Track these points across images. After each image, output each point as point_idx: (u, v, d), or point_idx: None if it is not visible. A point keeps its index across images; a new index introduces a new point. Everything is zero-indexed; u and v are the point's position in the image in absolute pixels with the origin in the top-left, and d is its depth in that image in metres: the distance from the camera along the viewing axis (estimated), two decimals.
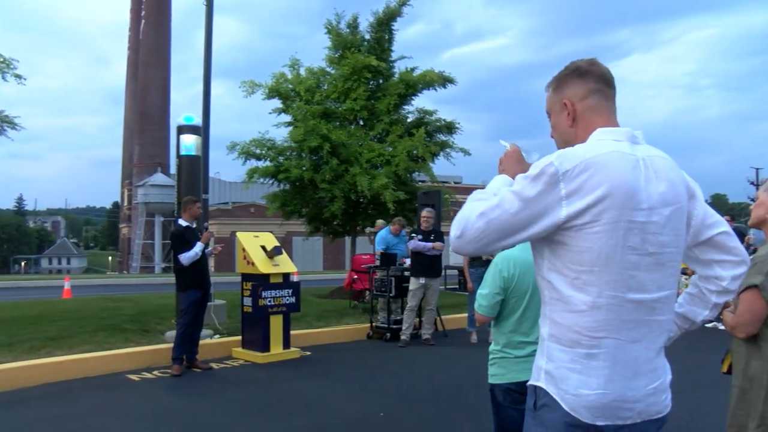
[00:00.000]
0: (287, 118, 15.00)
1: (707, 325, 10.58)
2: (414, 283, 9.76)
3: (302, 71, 15.44)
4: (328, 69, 15.58)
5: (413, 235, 9.93)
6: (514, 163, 2.16)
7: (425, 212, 10.06)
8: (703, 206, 2.00)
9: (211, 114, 10.54)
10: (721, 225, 2.02)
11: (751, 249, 10.46)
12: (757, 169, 48.80)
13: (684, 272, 9.41)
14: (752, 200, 3.83)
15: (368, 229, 14.24)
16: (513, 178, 1.96)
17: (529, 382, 1.95)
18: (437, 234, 9.77)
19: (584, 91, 1.96)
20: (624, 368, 1.80)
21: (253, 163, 14.65)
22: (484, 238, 1.79)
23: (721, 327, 2.62)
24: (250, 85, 14.87)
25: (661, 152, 1.92)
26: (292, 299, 8.83)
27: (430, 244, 9.64)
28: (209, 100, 10.57)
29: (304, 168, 13.84)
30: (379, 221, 13.30)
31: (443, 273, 11.97)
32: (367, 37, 15.40)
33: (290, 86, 14.97)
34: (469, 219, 1.80)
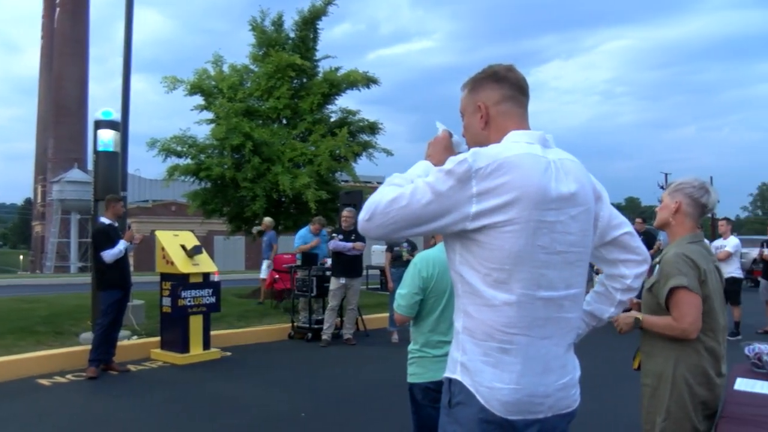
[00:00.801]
0: (209, 115, 14.85)
1: None
2: (334, 283, 9.80)
3: (225, 68, 15.29)
4: (251, 66, 15.50)
5: (334, 234, 9.96)
6: (441, 150, 2.15)
7: (346, 212, 10.11)
8: (609, 208, 2.10)
9: (132, 109, 10.29)
10: (625, 226, 2.13)
11: (660, 251, 10.92)
12: (666, 174, 50.90)
13: (597, 273, 9.77)
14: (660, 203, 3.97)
15: (255, 228, 14.21)
16: (436, 165, 1.99)
17: (445, 375, 1.96)
18: (358, 234, 9.81)
19: (499, 96, 2.00)
20: (535, 364, 1.84)
21: (173, 160, 14.43)
22: (392, 225, 1.81)
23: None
24: (172, 81, 14.63)
25: (570, 155, 1.99)
26: (212, 299, 8.74)
27: (350, 244, 9.69)
28: (129, 94, 10.31)
29: (225, 166, 13.71)
30: (267, 219, 13.34)
31: (365, 273, 12.06)
32: (292, 35, 15.40)
33: (213, 83, 14.81)
34: (380, 204, 1.82)
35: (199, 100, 14.95)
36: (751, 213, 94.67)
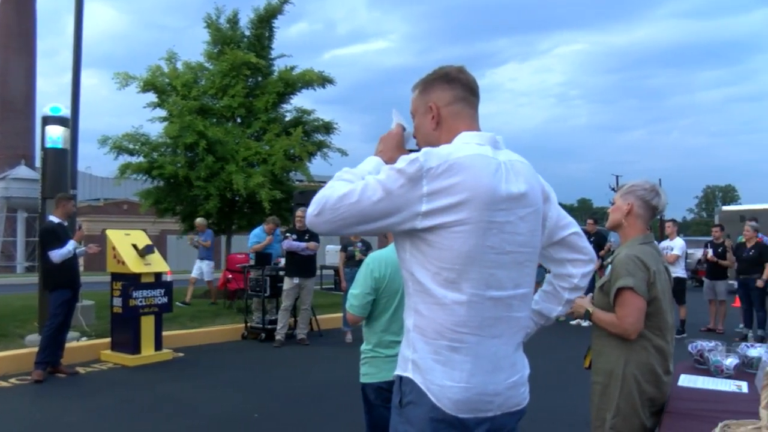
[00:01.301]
0: (162, 112, 14.64)
1: (572, 323, 11.23)
2: (288, 283, 9.76)
3: (179, 65, 15.11)
4: (206, 64, 15.34)
5: (287, 234, 9.92)
6: (393, 148, 2.15)
7: (299, 212, 10.02)
8: (557, 208, 2.13)
9: (83, 105, 10.07)
10: (573, 226, 2.17)
11: (611, 252, 11.16)
12: (617, 176, 51.95)
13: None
14: (612, 204, 4.10)
15: (189, 235, 13.84)
16: (387, 162, 2.01)
17: (395, 373, 1.97)
18: (312, 233, 9.78)
19: (450, 97, 2.01)
20: (485, 363, 1.87)
21: (125, 158, 14.20)
22: (341, 221, 1.80)
23: (585, 324, 2.76)
24: (124, 77, 14.37)
25: (519, 157, 2.01)
26: (164, 299, 8.63)
27: (304, 244, 9.66)
28: (79, 90, 10.09)
29: (178, 165, 13.56)
30: (199, 220, 13.25)
31: (318, 272, 12.04)
32: (247, 33, 15.30)
33: (166, 80, 14.60)
34: (329, 199, 1.80)
35: (152, 97, 14.74)
36: (696, 215, 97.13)
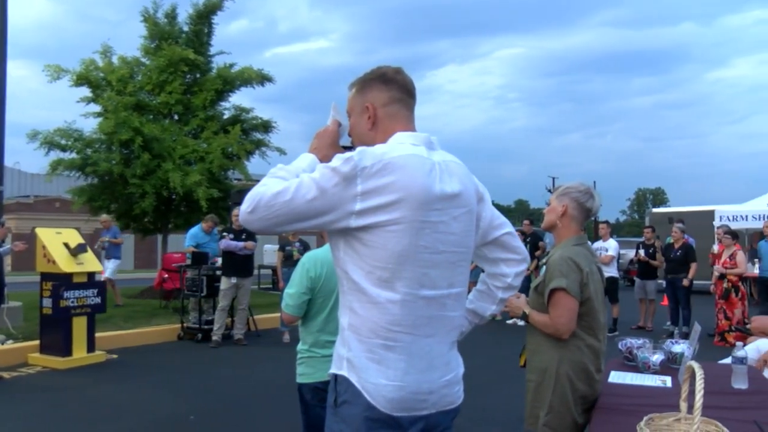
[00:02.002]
0: (97, 108, 14.34)
1: (508, 322, 11.43)
2: (225, 283, 9.65)
3: (115, 59, 14.79)
4: (142, 59, 15.06)
5: (224, 234, 9.82)
6: (328, 145, 2.13)
7: (236, 210, 9.93)
8: (491, 209, 2.15)
9: (11, 98, 9.78)
10: (506, 226, 2.20)
11: (546, 253, 11.40)
12: (554, 178, 52.85)
13: None
14: (548, 206, 4.21)
15: (102, 237, 13.28)
16: (321, 159, 2.00)
17: (330, 371, 1.96)
18: (249, 233, 9.69)
19: (387, 98, 2.01)
20: (419, 362, 1.87)
21: (57, 154, 13.82)
22: (275, 219, 1.80)
23: (521, 323, 2.82)
24: (55, 70, 14.02)
25: (454, 157, 2.03)
26: (98, 299, 8.41)
27: (241, 244, 9.57)
28: (5, 81, 9.76)
29: (113, 162, 13.31)
30: (104, 216, 13.03)
31: (256, 272, 11.95)
32: (186, 29, 15.10)
33: (101, 75, 14.28)
34: (263, 196, 1.80)
35: (85, 91, 14.43)
36: (628, 216, 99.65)
